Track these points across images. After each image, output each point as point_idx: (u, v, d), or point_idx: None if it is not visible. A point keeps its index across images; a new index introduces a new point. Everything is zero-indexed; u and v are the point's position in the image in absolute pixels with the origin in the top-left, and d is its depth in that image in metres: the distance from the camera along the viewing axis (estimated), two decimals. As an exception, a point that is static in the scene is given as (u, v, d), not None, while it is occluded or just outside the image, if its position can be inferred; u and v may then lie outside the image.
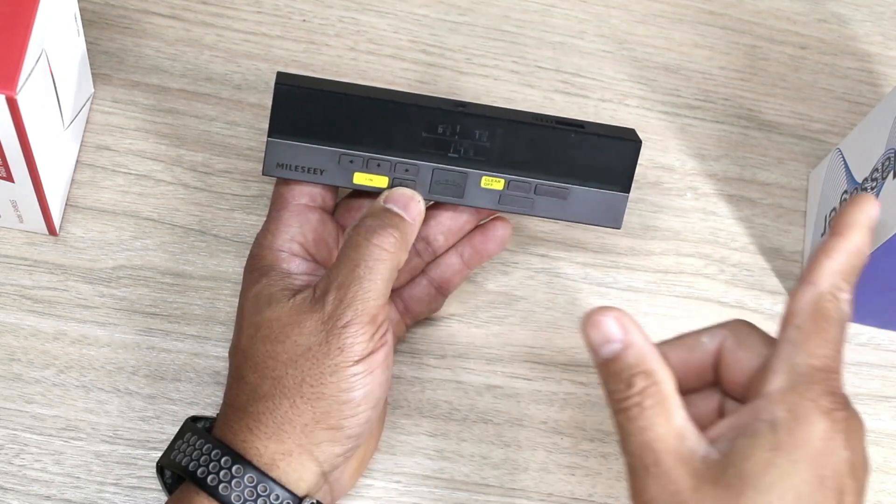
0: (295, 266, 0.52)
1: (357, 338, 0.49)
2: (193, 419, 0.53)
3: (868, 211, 0.45)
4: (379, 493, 0.57)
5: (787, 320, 0.44)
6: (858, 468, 0.43)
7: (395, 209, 0.52)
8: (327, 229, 0.54)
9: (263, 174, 0.53)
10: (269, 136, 0.53)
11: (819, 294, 0.44)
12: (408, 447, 0.58)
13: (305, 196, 0.54)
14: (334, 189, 0.55)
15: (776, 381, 0.43)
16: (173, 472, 0.52)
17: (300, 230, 0.53)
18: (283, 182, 0.54)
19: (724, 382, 0.46)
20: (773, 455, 0.41)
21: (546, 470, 0.59)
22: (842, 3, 0.73)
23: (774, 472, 0.41)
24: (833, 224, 0.45)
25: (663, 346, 0.46)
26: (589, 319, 0.43)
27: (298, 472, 0.49)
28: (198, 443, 0.50)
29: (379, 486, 0.57)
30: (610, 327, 0.43)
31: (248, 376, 0.50)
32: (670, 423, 0.42)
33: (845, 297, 0.44)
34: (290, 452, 0.49)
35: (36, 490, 0.55)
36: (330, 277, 0.50)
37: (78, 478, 0.55)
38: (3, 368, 0.56)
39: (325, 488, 0.51)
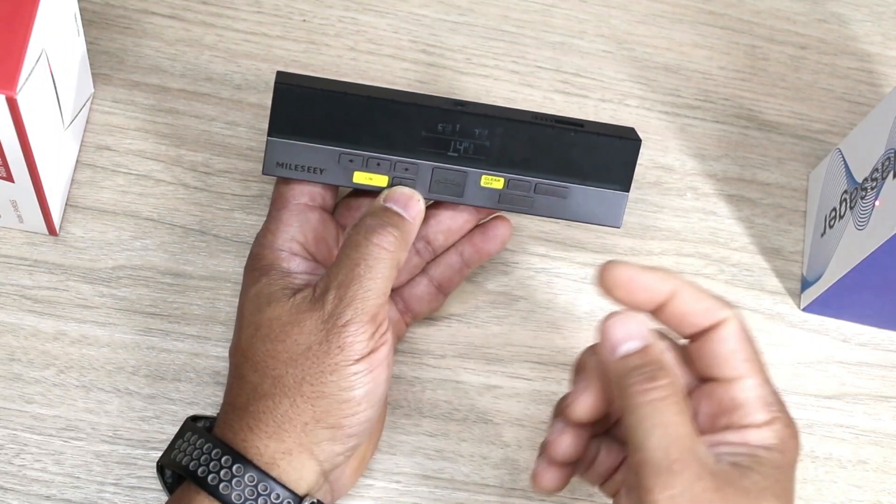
0: (295, 265, 0.52)
1: (357, 336, 0.49)
2: (194, 418, 0.53)
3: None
4: (379, 493, 0.57)
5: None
6: None
7: (395, 208, 0.52)
8: (327, 228, 0.54)
9: (263, 173, 0.53)
10: (268, 135, 0.53)
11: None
12: (408, 447, 0.58)
13: (305, 195, 0.54)
14: (334, 188, 0.55)
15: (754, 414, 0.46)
16: (174, 472, 0.52)
17: (300, 229, 0.53)
18: (283, 181, 0.54)
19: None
20: (776, 471, 0.45)
21: (546, 470, 0.59)
22: (842, 3, 0.73)
23: (781, 484, 0.45)
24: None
25: None
26: (612, 317, 0.46)
27: (299, 472, 0.49)
28: (198, 442, 0.50)
29: (379, 486, 0.57)
30: (634, 325, 0.45)
31: (249, 375, 0.50)
32: (687, 424, 0.44)
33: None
34: (291, 451, 0.49)
35: (36, 490, 0.55)
36: (330, 276, 0.50)
37: (78, 478, 0.55)
38: (3, 368, 0.56)
39: (326, 487, 0.51)
